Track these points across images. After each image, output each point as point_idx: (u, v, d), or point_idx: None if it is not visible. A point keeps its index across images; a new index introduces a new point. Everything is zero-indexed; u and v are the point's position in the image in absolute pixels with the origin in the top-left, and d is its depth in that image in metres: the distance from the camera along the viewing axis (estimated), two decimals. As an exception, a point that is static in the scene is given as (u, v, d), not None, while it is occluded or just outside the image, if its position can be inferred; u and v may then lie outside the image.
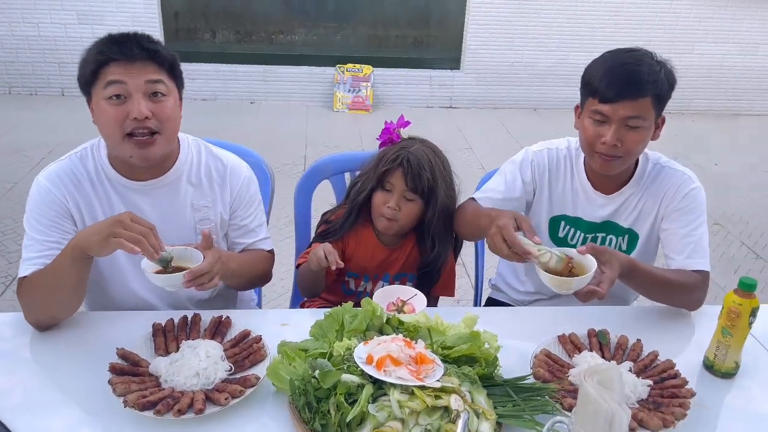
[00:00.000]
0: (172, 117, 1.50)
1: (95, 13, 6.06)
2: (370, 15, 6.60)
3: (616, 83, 1.55)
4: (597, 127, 1.60)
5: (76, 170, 1.55)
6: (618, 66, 1.57)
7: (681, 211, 1.70)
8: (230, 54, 6.49)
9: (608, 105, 1.56)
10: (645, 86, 1.54)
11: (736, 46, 6.89)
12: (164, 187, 1.59)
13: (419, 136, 1.82)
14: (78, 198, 1.54)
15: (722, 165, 5.49)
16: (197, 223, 1.64)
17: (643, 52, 1.61)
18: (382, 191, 1.74)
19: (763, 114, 7.23)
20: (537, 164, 1.79)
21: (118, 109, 1.43)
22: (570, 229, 1.83)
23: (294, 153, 5.17)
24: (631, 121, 1.57)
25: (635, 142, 1.60)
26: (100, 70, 1.43)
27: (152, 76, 1.45)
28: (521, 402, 1.21)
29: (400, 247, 1.84)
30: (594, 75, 1.60)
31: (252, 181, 1.73)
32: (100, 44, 1.45)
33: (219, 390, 1.22)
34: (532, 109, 6.92)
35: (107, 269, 1.60)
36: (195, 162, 1.65)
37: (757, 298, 1.34)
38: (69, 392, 1.28)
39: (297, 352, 1.28)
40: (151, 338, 1.39)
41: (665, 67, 1.60)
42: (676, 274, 1.64)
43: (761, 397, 1.36)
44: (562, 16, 6.57)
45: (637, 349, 1.42)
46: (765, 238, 4.15)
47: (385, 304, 1.53)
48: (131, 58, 1.42)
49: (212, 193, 1.66)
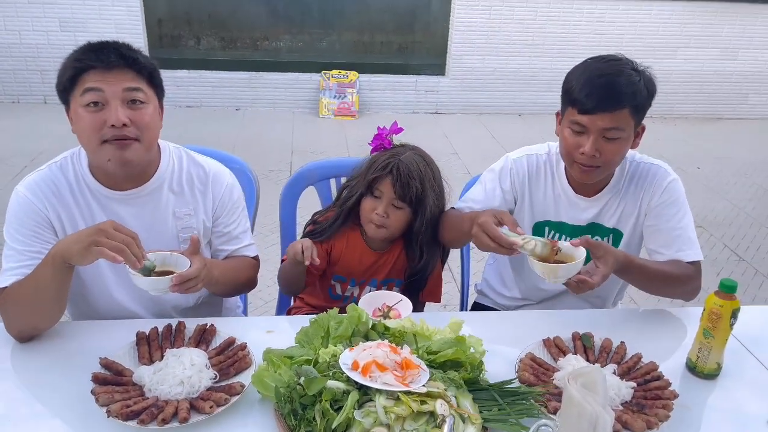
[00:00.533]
0: (151, 124, 1.49)
1: (77, 20, 6.03)
2: (355, 21, 6.63)
3: (594, 95, 1.54)
4: (576, 137, 1.60)
5: (56, 180, 1.54)
6: (596, 77, 1.55)
7: (663, 205, 1.72)
8: (215, 61, 6.48)
9: (586, 116, 1.55)
10: (623, 98, 1.53)
11: (717, 51, 7.00)
12: (145, 196, 1.58)
13: (411, 143, 1.82)
14: (58, 208, 1.52)
15: (705, 169, 5.56)
16: (179, 231, 1.63)
17: (624, 61, 1.59)
18: (371, 197, 1.74)
19: (744, 118, 7.35)
20: (516, 172, 1.79)
21: (95, 116, 1.42)
22: (555, 234, 1.83)
23: (280, 159, 5.17)
24: (609, 132, 1.56)
25: (613, 152, 1.59)
26: (78, 77, 1.42)
27: (130, 83, 1.44)
28: (507, 406, 1.21)
29: (388, 252, 1.84)
30: (573, 84, 1.58)
31: (235, 188, 1.72)
32: (78, 52, 1.45)
33: (204, 398, 1.21)
34: (517, 115, 6.97)
35: (90, 278, 1.59)
36: (176, 170, 1.63)
37: (737, 299, 1.36)
38: (51, 403, 1.26)
39: (282, 359, 1.27)
40: (135, 347, 1.38)
41: (644, 75, 1.59)
42: (671, 266, 1.66)
43: (743, 398, 1.38)
44: (546, 23, 6.64)
45: (621, 352, 1.43)
46: (747, 240, 4.21)
47: (371, 310, 1.53)
48: (109, 65, 1.42)
49: (194, 200, 1.65)
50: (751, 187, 5.23)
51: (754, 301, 3.44)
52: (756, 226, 4.43)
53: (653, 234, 1.74)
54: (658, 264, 1.67)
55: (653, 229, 1.73)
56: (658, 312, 1.71)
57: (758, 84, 7.23)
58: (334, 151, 5.47)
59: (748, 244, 4.16)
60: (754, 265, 3.86)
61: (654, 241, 1.74)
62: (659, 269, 1.64)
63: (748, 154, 6.07)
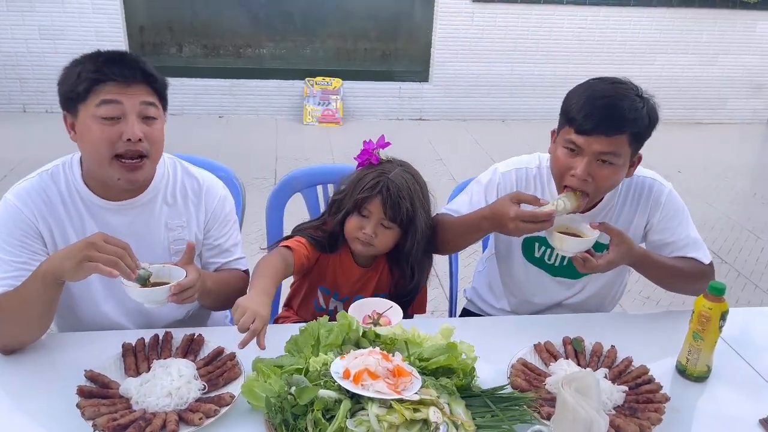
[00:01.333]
0: (160, 140, 1.49)
1: (57, 28, 5.97)
2: (338, 28, 6.63)
3: (593, 116, 1.48)
4: (569, 158, 1.54)
5: (47, 188, 1.50)
6: (598, 98, 1.50)
7: (665, 220, 1.71)
8: (197, 68, 6.45)
9: (583, 137, 1.50)
10: (623, 123, 1.48)
11: (696, 57, 7.11)
12: (139, 206, 1.56)
13: (398, 159, 1.76)
14: (48, 217, 1.49)
15: (686, 173, 5.63)
16: (171, 243, 1.61)
17: (629, 86, 1.54)
18: (358, 216, 1.67)
19: (723, 122, 7.46)
20: (503, 187, 1.75)
21: (110, 129, 1.39)
22: (545, 249, 1.80)
23: (264, 167, 5.14)
24: (604, 156, 1.50)
25: (606, 177, 1.54)
26: (94, 88, 1.38)
27: (147, 98, 1.43)
28: (500, 412, 1.21)
29: (374, 268, 1.81)
30: (573, 103, 1.53)
31: (227, 200, 1.71)
32: (96, 61, 1.40)
33: (193, 410, 1.19)
34: (500, 121, 7.01)
35: (78, 291, 1.55)
36: (171, 181, 1.62)
37: (726, 302, 1.37)
38: (36, 417, 1.23)
39: (272, 368, 1.25)
40: (121, 359, 1.35)
41: (648, 103, 1.53)
42: (686, 264, 1.68)
43: (733, 400, 1.38)
44: (528, 30, 6.69)
45: (612, 356, 1.43)
46: (729, 243, 4.26)
47: (361, 317, 1.51)
48: (129, 79, 1.39)
49: (187, 212, 1.63)
50: (731, 190, 5.30)
51: (738, 303, 3.48)
52: (737, 229, 4.49)
53: (662, 248, 1.73)
54: (674, 260, 1.68)
55: (660, 243, 1.72)
56: (648, 316, 1.72)
57: (736, 89, 7.35)
58: (318, 158, 5.45)
59: (730, 246, 4.21)
60: (737, 268, 3.91)
61: (664, 254, 1.72)
62: (676, 266, 1.66)
63: (727, 159, 6.16)
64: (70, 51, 6.37)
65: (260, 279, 1.49)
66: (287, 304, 1.93)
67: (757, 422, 1.29)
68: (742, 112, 7.49)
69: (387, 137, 1.77)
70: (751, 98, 7.45)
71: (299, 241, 1.70)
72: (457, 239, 1.76)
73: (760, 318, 1.79)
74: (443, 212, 1.82)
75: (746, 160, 6.38)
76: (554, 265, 1.82)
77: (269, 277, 1.51)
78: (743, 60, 7.19)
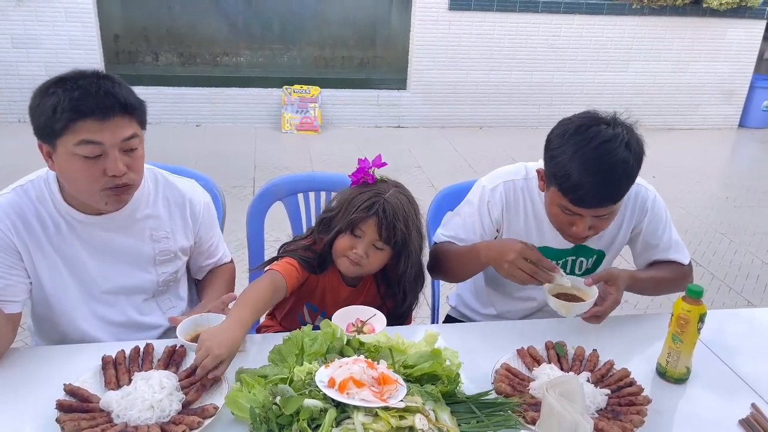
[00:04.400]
0: (142, 166, 1.48)
1: (30, 36, 5.88)
2: (315, 36, 6.64)
3: (591, 196, 1.47)
4: (567, 216, 1.56)
5: (22, 203, 1.48)
6: (591, 173, 1.45)
7: (653, 224, 1.77)
8: (174, 77, 6.39)
9: (581, 209, 1.51)
10: (622, 193, 1.50)
11: (668, 64, 7.24)
12: (121, 220, 1.55)
13: (392, 179, 1.73)
14: (23, 233, 1.47)
15: (660, 178, 5.71)
16: (156, 254, 1.61)
17: (616, 137, 1.46)
18: (351, 236, 1.63)
19: (695, 128, 7.61)
20: (494, 204, 1.76)
21: (92, 167, 1.37)
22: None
23: (242, 175, 5.11)
24: (604, 216, 1.55)
25: (604, 227, 1.60)
26: (71, 126, 1.33)
27: (127, 132, 1.38)
28: (485, 418, 1.21)
29: (361, 288, 1.79)
30: (565, 173, 1.47)
31: (210, 205, 1.75)
32: (71, 95, 1.32)
33: (175, 422, 1.17)
34: (478, 127, 7.06)
35: (58, 305, 1.55)
36: (152, 193, 1.61)
37: (704, 304, 1.39)
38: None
39: (256, 378, 1.24)
40: (101, 371, 1.33)
41: (634, 149, 1.48)
42: (668, 271, 1.76)
43: (712, 401, 1.40)
44: (504, 38, 6.76)
45: (594, 359, 1.45)
46: (703, 246, 4.33)
47: (344, 325, 1.51)
48: (107, 113, 1.34)
49: (172, 223, 1.63)
50: (704, 195, 5.40)
51: (713, 305, 3.54)
52: (711, 233, 4.57)
53: (647, 250, 1.81)
54: (657, 271, 1.76)
55: (647, 247, 1.80)
56: (627, 318, 1.74)
57: (708, 95, 7.50)
58: (297, 166, 5.44)
59: (704, 250, 4.28)
60: (711, 271, 3.98)
61: (649, 255, 1.81)
62: (661, 276, 1.75)
63: (700, 164, 6.28)
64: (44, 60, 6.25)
65: (239, 309, 1.45)
66: (271, 314, 1.91)
67: (737, 423, 1.31)
68: (713, 118, 7.64)
69: (366, 145, 1.77)
70: (722, 104, 7.60)
71: (290, 264, 1.65)
72: (458, 267, 1.78)
73: (735, 319, 1.82)
74: (442, 240, 1.82)
75: (718, 164, 6.51)
76: None
77: (250, 307, 1.47)
78: (714, 67, 7.35)
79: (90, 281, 1.56)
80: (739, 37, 7.24)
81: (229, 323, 1.39)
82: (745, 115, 7.74)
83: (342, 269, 1.69)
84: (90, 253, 1.54)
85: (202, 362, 1.28)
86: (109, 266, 1.56)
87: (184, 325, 1.46)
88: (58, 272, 1.52)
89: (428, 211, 2.06)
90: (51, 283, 1.52)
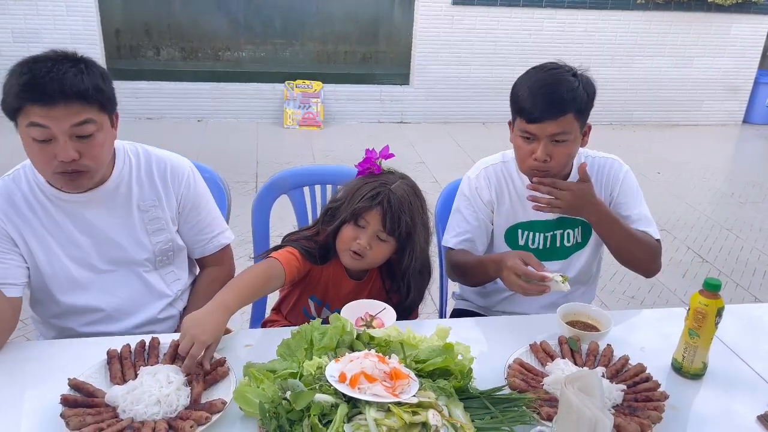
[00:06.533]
0: (101, 152, 1.45)
1: (31, 31, 5.84)
2: (318, 31, 6.59)
3: (537, 105, 1.63)
4: (527, 144, 1.69)
5: (11, 191, 1.52)
6: (538, 87, 1.64)
7: (623, 195, 1.84)
8: (176, 72, 6.35)
9: (534, 125, 1.64)
10: (565, 105, 1.62)
11: (672, 59, 7.20)
12: (104, 195, 1.56)
13: (398, 171, 1.72)
14: (15, 219, 1.51)
15: (664, 174, 5.69)
16: (146, 224, 1.62)
17: (563, 69, 1.68)
18: (354, 226, 1.62)
19: (700, 124, 7.57)
20: (481, 189, 1.86)
21: (44, 150, 1.37)
22: (528, 234, 1.87)
23: (245, 171, 5.08)
24: (557, 137, 1.65)
25: (563, 154, 1.69)
26: (21, 107, 1.34)
27: (77, 118, 1.36)
28: (499, 414, 1.18)
29: (366, 281, 1.76)
30: (519, 95, 1.68)
31: (195, 177, 1.70)
32: (19, 80, 1.33)
33: (183, 417, 1.15)
34: (481, 123, 7.03)
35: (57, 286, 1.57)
36: (134, 165, 1.61)
37: (722, 298, 1.36)
38: (19, 427, 1.18)
39: (265, 373, 1.22)
40: (106, 366, 1.30)
41: (583, 79, 1.67)
42: (640, 233, 1.79)
43: (730, 397, 1.38)
44: (507, 33, 6.72)
45: (608, 354, 1.42)
46: (709, 242, 4.30)
47: (353, 319, 1.48)
48: (53, 101, 1.32)
49: (156, 191, 1.63)
50: (709, 191, 5.36)
51: (720, 301, 3.50)
52: (717, 228, 4.54)
53: None
54: (630, 228, 1.78)
55: (619, 217, 1.81)
56: (642, 313, 1.72)
57: (712, 91, 7.46)
58: (299, 161, 5.40)
59: (710, 245, 4.25)
60: (717, 266, 3.95)
61: None
62: (632, 230, 1.77)
63: (704, 159, 6.24)
64: (45, 53, 6.09)
65: (225, 293, 1.43)
66: (276, 308, 1.89)
67: (755, 419, 1.29)
68: (717, 114, 7.60)
69: (368, 140, 1.76)
70: (727, 100, 7.56)
71: (291, 253, 1.63)
72: (476, 279, 1.86)
73: (749, 314, 1.79)
74: (452, 245, 1.86)
75: (723, 161, 6.48)
76: (538, 248, 1.87)
77: (236, 293, 1.45)
78: (718, 62, 7.30)
79: (87, 257, 1.57)
80: (744, 32, 7.20)
81: (212, 307, 1.37)
82: (749, 111, 7.69)
83: (345, 263, 1.67)
84: (81, 231, 1.56)
85: (189, 351, 1.26)
86: (102, 241, 1.58)
87: None
88: (54, 254, 1.54)
89: (435, 207, 2.04)
90: (49, 266, 1.54)
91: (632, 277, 3.51)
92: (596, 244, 1.92)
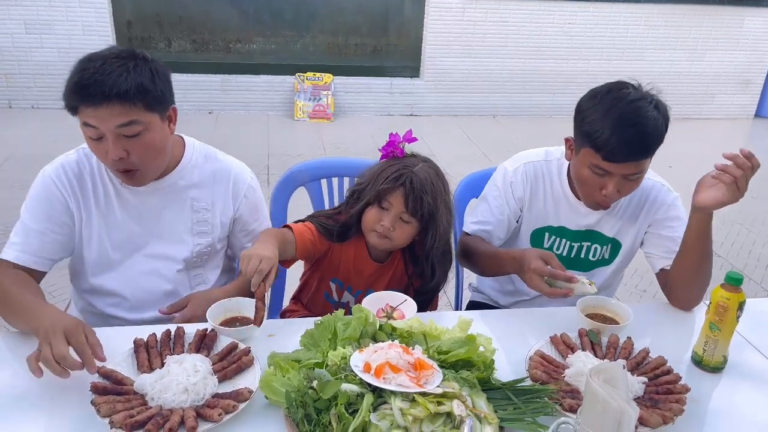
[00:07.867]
0: (151, 149, 1.48)
1: (43, 22, 5.86)
2: (329, 23, 6.59)
3: (624, 148, 1.52)
4: (597, 178, 1.60)
5: (81, 165, 1.58)
6: (624, 127, 1.51)
7: (668, 218, 1.78)
8: (187, 63, 6.36)
9: (613, 164, 1.55)
10: (650, 148, 1.55)
11: (684, 53, 7.15)
12: (165, 187, 1.61)
13: (422, 155, 1.73)
14: (78, 194, 1.57)
15: (676, 168, 5.66)
16: (194, 224, 1.66)
17: (644, 99, 1.55)
18: (378, 208, 1.64)
19: (711, 118, 7.53)
20: (517, 184, 1.80)
21: (98, 147, 1.45)
22: (555, 239, 1.84)
23: (256, 163, 5.09)
24: (632, 176, 1.59)
25: (632, 189, 1.64)
26: (77, 107, 1.40)
27: (121, 119, 1.39)
28: (522, 405, 1.20)
29: (389, 264, 1.78)
30: (597, 130, 1.53)
31: (256, 188, 1.76)
32: (73, 78, 1.38)
33: (210, 406, 1.17)
34: (491, 116, 7.01)
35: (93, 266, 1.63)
36: (200, 165, 1.66)
37: (743, 292, 1.37)
38: (51, 414, 1.20)
39: (290, 363, 1.23)
40: (133, 355, 1.32)
41: (662, 111, 1.56)
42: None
43: (749, 390, 1.38)
44: (518, 25, 6.69)
45: (629, 347, 1.43)
46: (721, 236, 4.29)
47: (374, 311, 1.49)
48: (96, 102, 1.36)
49: (213, 196, 1.67)
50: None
51: (732, 295, 3.50)
52: (729, 223, 4.52)
53: (656, 244, 1.79)
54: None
55: (657, 237, 1.79)
56: (662, 306, 1.72)
57: (724, 85, 7.42)
58: (310, 153, 5.41)
59: (722, 240, 4.24)
60: (730, 261, 3.94)
61: (656, 248, 1.79)
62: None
63: (716, 154, 6.14)
64: (57, 46, 6.25)
65: (265, 236, 1.54)
66: (295, 297, 1.90)
67: (776, 411, 1.30)
68: (729, 108, 7.56)
69: (378, 132, 1.78)
70: (739, 94, 7.52)
71: (307, 227, 1.69)
72: (485, 269, 1.83)
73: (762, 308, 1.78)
74: (472, 230, 1.84)
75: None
76: (561, 255, 1.83)
77: (270, 235, 1.55)
78: (731, 56, 7.26)
79: (127, 245, 1.62)
80: (757, 26, 7.14)
81: (260, 241, 1.48)
82: (761, 105, 7.64)
83: (371, 242, 1.70)
84: (132, 217, 1.60)
85: (257, 268, 1.34)
86: (147, 231, 1.62)
87: (214, 309, 1.46)
88: (98, 234, 1.60)
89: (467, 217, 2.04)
90: (90, 243, 1.60)
91: (644, 270, 3.50)
92: (621, 264, 1.87)
